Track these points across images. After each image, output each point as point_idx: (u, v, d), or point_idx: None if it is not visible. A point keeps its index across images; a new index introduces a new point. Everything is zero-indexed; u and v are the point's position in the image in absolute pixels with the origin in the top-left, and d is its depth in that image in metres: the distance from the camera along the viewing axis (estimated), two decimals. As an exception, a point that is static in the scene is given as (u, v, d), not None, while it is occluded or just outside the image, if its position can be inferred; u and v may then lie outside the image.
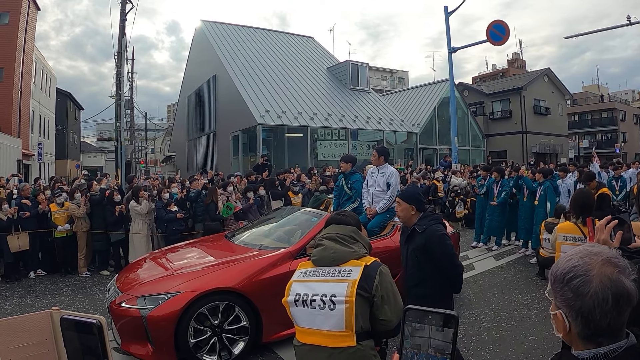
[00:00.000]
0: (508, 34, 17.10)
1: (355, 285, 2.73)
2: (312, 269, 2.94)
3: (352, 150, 24.82)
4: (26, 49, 32.12)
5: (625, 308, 1.35)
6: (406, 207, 4.19)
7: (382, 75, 58.77)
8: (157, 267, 6.35)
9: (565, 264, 1.45)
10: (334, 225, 3.11)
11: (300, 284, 2.91)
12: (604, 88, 74.28)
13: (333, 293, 2.75)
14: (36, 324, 1.50)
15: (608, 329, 1.36)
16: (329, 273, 2.85)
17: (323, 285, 2.81)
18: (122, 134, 20.00)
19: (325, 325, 2.76)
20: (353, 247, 2.97)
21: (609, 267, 1.37)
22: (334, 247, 2.92)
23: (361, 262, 2.86)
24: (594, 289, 1.35)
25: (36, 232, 10.28)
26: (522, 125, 40.39)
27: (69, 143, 48.68)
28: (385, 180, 7.97)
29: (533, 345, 5.93)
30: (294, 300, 2.86)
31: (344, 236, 3.00)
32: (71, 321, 1.51)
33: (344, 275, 2.81)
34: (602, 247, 1.46)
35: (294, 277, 3.00)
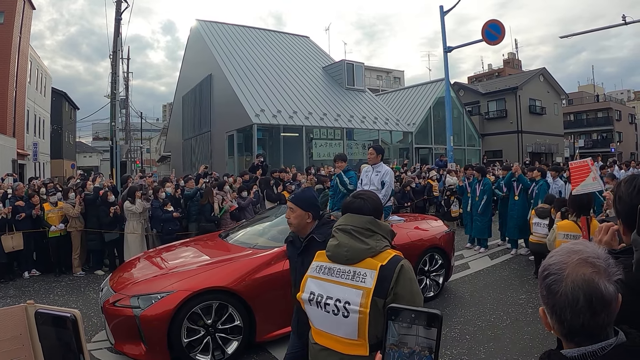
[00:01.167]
0: (504, 34, 17.12)
1: (370, 295, 2.49)
2: (328, 264, 2.72)
3: (348, 149, 24.83)
4: (21, 48, 32.01)
5: (600, 309, 1.32)
6: (300, 214, 3.59)
7: (377, 75, 58.79)
8: (150, 267, 6.34)
9: (546, 260, 1.45)
10: (349, 214, 2.81)
11: (315, 282, 2.72)
12: (599, 88, 74.43)
13: (347, 300, 2.54)
14: (10, 319, 1.48)
15: (582, 330, 1.35)
16: (344, 274, 2.62)
17: (338, 288, 2.60)
18: (117, 133, 19.88)
19: (338, 332, 2.60)
20: (369, 241, 2.67)
21: (585, 267, 1.35)
22: (348, 243, 2.65)
23: (377, 261, 2.58)
24: (564, 288, 1.34)
25: (30, 232, 10.24)
26: (518, 125, 40.45)
27: (64, 143, 48.56)
28: (380, 178, 8.00)
29: (528, 344, 5.93)
30: (309, 299, 2.70)
31: (360, 229, 2.70)
32: (46, 315, 1.49)
33: (358, 280, 2.56)
34: (585, 246, 1.43)
35: (310, 270, 2.80)
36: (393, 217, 8.40)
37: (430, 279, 7.88)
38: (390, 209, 8.44)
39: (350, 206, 2.85)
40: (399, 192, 14.48)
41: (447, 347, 5.85)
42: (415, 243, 7.66)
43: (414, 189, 15.15)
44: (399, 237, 7.54)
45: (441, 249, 8.03)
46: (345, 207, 2.89)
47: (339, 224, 2.80)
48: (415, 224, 8.36)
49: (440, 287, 8.02)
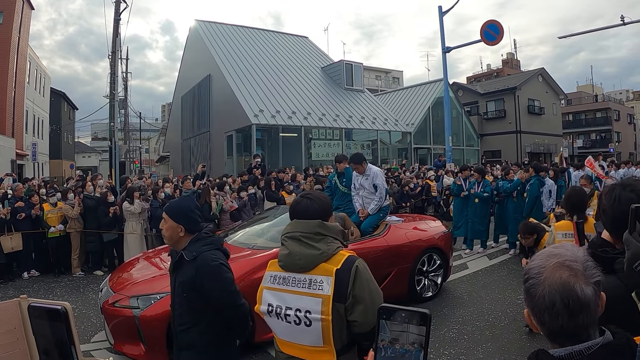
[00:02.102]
0: (502, 34, 17.12)
1: (330, 302, 2.42)
2: (281, 273, 2.61)
3: (347, 150, 24.83)
4: (20, 48, 32.03)
5: (578, 312, 1.35)
6: (172, 226, 3.26)
7: (376, 75, 58.78)
8: (150, 267, 6.36)
9: (528, 264, 1.49)
10: (295, 221, 2.67)
11: (271, 293, 2.62)
12: (598, 88, 74.44)
13: (307, 309, 2.46)
14: (4, 313, 1.51)
15: (562, 332, 1.37)
16: (300, 283, 2.53)
17: (295, 298, 2.51)
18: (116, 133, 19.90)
19: (303, 340, 2.53)
20: (320, 246, 2.57)
21: (562, 270, 1.38)
22: (299, 251, 2.54)
23: (331, 265, 2.50)
24: (541, 291, 1.37)
25: (30, 233, 10.26)
26: (517, 125, 40.49)
27: (63, 143, 48.57)
28: (371, 182, 7.97)
29: (526, 344, 5.95)
30: (267, 310, 2.61)
31: (309, 234, 2.58)
32: (39, 308, 1.52)
33: (315, 287, 2.48)
34: (565, 250, 1.46)
35: (264, 281, 2.70)
36: (391, 217, 8.39)
37: (429, 279, 7.90)
38: (389, 208, 8.44)
39: (297, 208, 2.73)
40: (397, 193, 14.50)
41: (445, 347, 5.87)
42: (413, 243, 7.68)
43: (413, 189, 15.16)
44: (398, 237, 7.59)
45: (439, 249, 8.04)
46: (292, 209, 2.78)
47: (286, 231, 2.67)
48: (414, 225, 8.37)
49: (438, 287, 8.04)
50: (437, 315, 7.09)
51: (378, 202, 7.86)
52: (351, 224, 7.52)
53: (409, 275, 7.48)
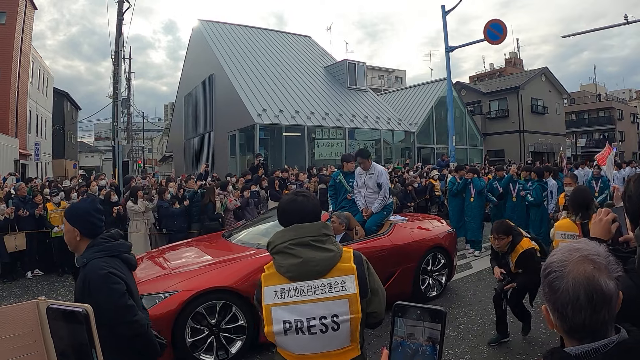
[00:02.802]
0: (505, 33, 17.12)
1: (357, 300, 2.36)
2: (290, 285, 2.38)
3: (350, 149, 24.79)
4: (23, 48, 32.08)
5: (601, 306, 1.34)
6: (69, 230, 3.01)
7: (379, 75, 58.77)
8: (154, 267, 6.35)
9: (548, 259, 1.48)
10: (297, 225, 2.50)
11: (284, 309, 2.37)
12: (601, 87, 74.42)
13: (334, 313, 2.34)
14: (22, 315, 1.49)
15: (584, 327, 1.36)
16: (318, 289, 2.37)
17: (317, 306, 2.35)
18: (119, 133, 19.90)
19: (331, 347, 2.40)
20: (331, 247, 2.46)
21: (586, 264, 1.37)
22: (314, 257, 2.39)
23: (347, 263, 2.43)
24: (565, 285, 1.36)
25: (33, 232, 10.27)
26: (520, 125, 40.43)
27: (66, 143, 48.63)
28: (375, 181, 7.98)
29: (531, 343, 5.94)
30: (284, 329, 2.37)
31: (318, 237, 2.46)
32: (57, 310, 1.50)
33: (338, 289, 2.37)
34: (586, 244, 1.46)
35: (267, 299, 2.40)
36: (396, 216, 8.39)
37: (433, 278, 7.88)
38: (392, 205, 8.42)
39: (293, 206, 2.58)
40: (401, 192, 14.48)
41: (450, 347, 5.86)
42: (418, 242, 7.66)
43: (416, 188, 15.15)
44: (403, 237, 7.58)
45: (444, 249, 8.03)
46: (286, 207, 2.61)
47: (289, 238, 2.45)
48: (418, 224, 8.35)
49: (443, 287, 8.02)
50: (442, 315, 7.07)
51: (382, 201, 7.86)
52: (356, 223, 7.52)
53: (413, 275, 7.47)
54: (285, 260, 2.41)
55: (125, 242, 3.04)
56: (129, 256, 3.07)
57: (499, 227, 5.88)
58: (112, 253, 2.93)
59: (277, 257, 2.45)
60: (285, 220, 2.58)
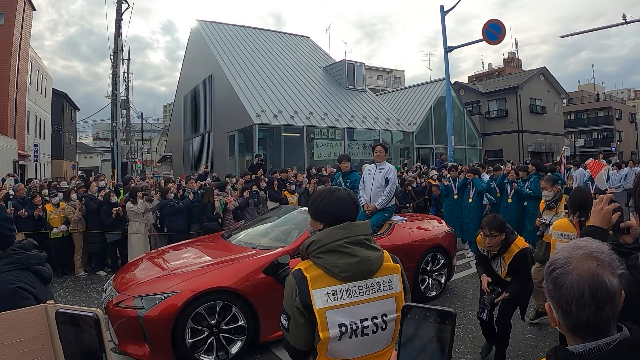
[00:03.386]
0: (504, 33, 17.14)
1: (402, 297, 2.38)
2: (341, 286, 2.29)
3: (349, 149, 24.80)
4: (22, 49, 32.06)
5: (606, 303, 1.36)
6: None
7: (378, 75, 58.79)
8: (153, 267, 6.35)
9: (552, 256, 1.49)
10: (350, 223, 2.41)
11: (339, 312, 2.27)
12: (599, 87, 74.56)
13: (383, 312, 2.34)
14: (31, 319, 1.48)
15: (588, 323, 1.37)
16: (369, 289, 2.33)
17: (369, 306, 2.32)
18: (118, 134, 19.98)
19: (378, 347, 2.37)
20: (377, 245, 2.45)
21: (590, 260, 1.39)
22: (371, 256, 2.35)
23: (391, 263, 2.43)
24: (570, 281, 1.38)
25: (32, 233, 10.25)
26: (519, 124, 40.47)
27: (65, 144, 48.59)
28: (384, 175, 8.01)
29: (530, 343, 5.94)
30: (341, 332, 2.26)
31: (368, 237, 2.43)
32: (66, 315, 1.49)
33: (385, 288, 2.36)
34: (590, 242, 1.48)
35: (319, 302, 2.25)
36: (395, 217, 8.40)
37: (433, 278, 7.90)
38: (393, 208, 8.44)
39: (338, 198, 2.49)
40: (400, 192, 14.49)
41: (450, 347, 5.86)
42: (417, 243, 7.69)
43: (415, 188, 15.14)
44: (402, 237, 7.60)
45: (443, 249, 8.05)
46: (340, 209, 2.47)
47: (345, 235, 2.34)
48: (418, 224, 8.38)
49: (442, 287, 8.04)
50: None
51: (386, 196, 7.88)
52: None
53: (413, 275, 7.49)
54: (339, 259, 2.30)
55: (39, 252, 2.77)
56: (42, 268, 2.77)
57: (491, 221, 5.01)
58: (22, 265, 2.61)
59: (328, 257, 2.31)
60: (332, 214, 2.46)
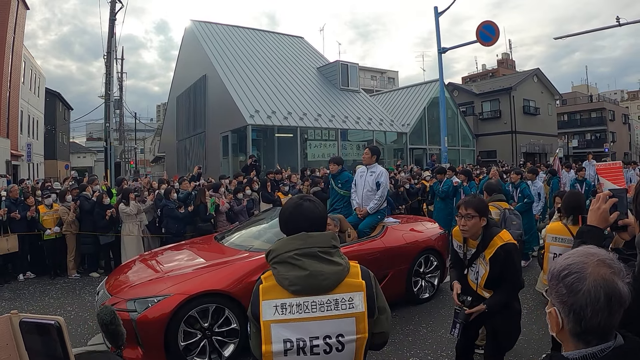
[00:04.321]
0: (498, 35, 17.17)
1: (365, 319, 2.18)
2: (293, 300, 2.17)
3: (342, 150, 24.84)
4: (15, 48, 31.94)
5: (617, 308, 1.39)
6: None
7: (372, 75, 58.83)
8: (146, 270, 6.35)
9: (562, 262, 1.50)
10: (305, 234, 2.27)
11: (286, 326, 2.15)
12: (593, 88, 74.81)
13: (339, 332, 2.17)
14: None
15: (598, 328, 1.40)
16: (324, 306, 2.17)
17: (322, 324, 2.16)
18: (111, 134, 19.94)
19: None
20: (339, 260, 2.25)
21: (604, 267, 1.42)
22: (324, 270, 2.18)
23: (355, 279, 2.23)
24: (587, 286, 1.39)
25: (25, 234, 10.23)
26: (512, 125, 40.60)
27: (58, 143, 48.48)
28: (375, 179, 8.01)
29: (523, 346, 5.95)
30: (285, 349, 2.16)
31: (326, 248, 2.25)
32: (31, 324, 1.49)
33: (344, 307, 2.17)
34: (599, 250, 1.50)
35: (266, 314, 2.16)
36: (388, 219, 8.41)
37: (426, 280, 7.90)
38: (386, 210, 8.45)
39: (300, 211, 2.36)
40: (393, 194, 14.49)
41: (443, 349, 5.88)
42: (410, 245, 7.69)
43: (408, 190, 15.14)
44: (395, 239, 7.60)
45: (436, 251, 8.05)
46: (293, 211, 2.38)
47: (295, 247, 2.23)
48: (411, 226, 8.38)
49: (435, 289, 8.04)
50: (434, 317, 7.12)
51: (378, 200, 7.89)
52: (348, 226, 7.53)
53: (406, 277, 7.50)
54: (289, 271, 2.18)
55: None
56: None
57: (469, 199, 4.07)
58: None
59: (280, 268, 2.21)
60: (290, 227, 2.35)
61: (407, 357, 5.77)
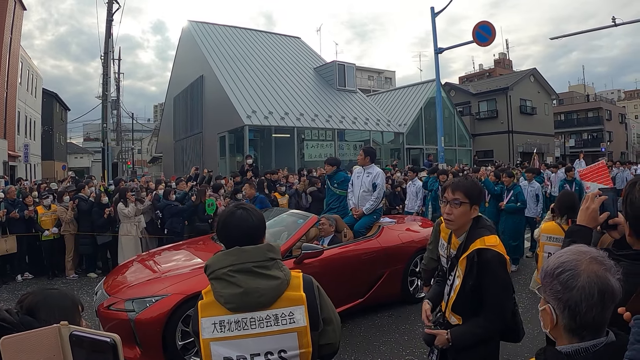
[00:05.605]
0: (494, 35, 17.16)
1: (307, 333, 2.11)
2: (230, 317, 2.09)
3: (339, 150, 24.89)
4: (12, 49, 31.87)
5: (610, 304, 1.45)
6: None
7: (369, 76, 58.82)
8: (144, 270, 6.38)
9: (555, 260, 1.55)
10: (238, 248, 2.17)
11: (225, 344, 2.08)
12: (589, 88, 74.88)
13: (281, 348, 2.11)
14: (42, 340, 1.44)
15: (592, 323, 1.46)
16: (263, 322, 2.09)
17: (262, 341, 2.09)
18: (108, 134, 19.92)
19: None
20: (277, 273, 2.16)
21: (596, 264, 1.48)
22: (259, 286, 2.09)
23: (295, 292, 2.15)
24: (581, 282, 1.45)
25: (23, 235, 10.24)
26: (509, 125, 40.66)
27: (55, 144, 48.33)
28: (371, 180, 8.02)
29: (519, 344, 5.98)
30: None
31: (262, 262, 2.15)
32: (83, 338, 1.43)
33: (285, 322, 2.10)
34: (588, 247, 1.56)
35: (204, 332, 2.09)
36: (384, 219, 8.44)
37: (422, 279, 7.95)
38: (382, 210, 8.49)
39: (232, 220, 2.27)
40: (389, 194, 14.52)
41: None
42: (406, 244, 7.72)
43: (405, 190, 15.16)
44: (391, 239, 7.63)
45: (432, 250, 8.08)
46: (225, 222, 2.29)
47: (231, 263, 2.13)
48: (406, 226, 8.41)
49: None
50: (430, 316, 7.15)
51: (374, 201, 7.90)
52: (344, 226, 7.57)
53: (401, 277, 7.53)
54: (224, 289, 2.10)
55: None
56: None
57: (458, 182, 3.12)
58: None
59: (216, 284, 2.13)
60: (225, 237, 2.29)
61: (403, 356, 5.82)
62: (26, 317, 1.73)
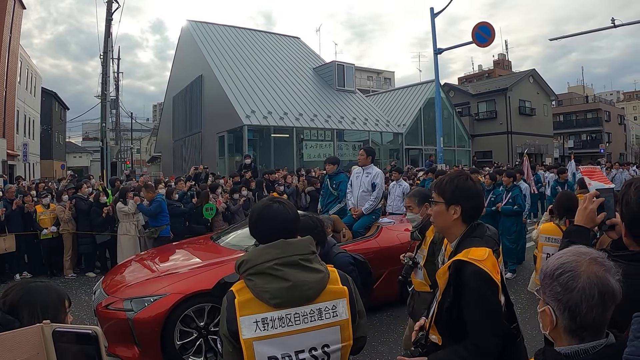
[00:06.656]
0: (493, 36, 17.17)
1: (349, 325, 2.09)
2: (274, 313, 2.00)
3: (338, 150, 24.89)
4: (12, 48, 31.81)
5: (610, 305, 1.45)
6: None
7: (368, 76, 58.80)
8: (143, 269, 6.37)
9: (555, 261, 1.55)
10: (283, 241, 2.11)
11: (270, 343, 2.00)
12: (589, 89, 74.99)
13: (325, 343, 2.06)
14: (26, 339, 1.46)
15: (592, 324, 1.46)
16: (307, 317, 2.04)
17: (307, 336, 2.04)
18: (107, 134, 19.92)
19: None
20: (319, 266, 2.13)
21: (596, 265, 1.48)
22: (307, 279, 2.04)
23: (336, 285, 2.12)
24: (581, 283, 1.45)
25: (21, 234, 10.23)
26: (508, 126, 40.70)
27: (54, 143, 48.27)
28: (371, 180, 8.03)
29: (515, 345, 5.99)
30: None
31: (307, 255, 2.12)
32: (65, 333, 1.46)
33: (328, 315, 2.06)
34: (587, 248, 1.56)
35: (246, 331, 1.97)
36: (383, 219, 8.44)
37: (420, 280, 7.94)
38: (380, 210, 8.49)
39: (270, 213, 2.20)
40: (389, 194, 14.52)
41: (436, 348, 5.91)
42: (405, 245, 7.69)
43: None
44: (390, 239, 7.62)
45: (431, 251, 8.06)
46: (263, 214, 2.21)
47: (276, 256, 2.06)
48: (405, 226, 8.39)
49: (430, 288, 8.07)
50: (428, 317, 7.15)
51: (373, 202, 7.90)
52: (343, 226, 7.56)
53: (401, 277, 7.53)
54: (269, 283, 2.01)
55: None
56: None
57: (435, 181, 3.18)
58: None
59: (257, 280, 2.03)
60: (260, 230, 2.22)
61: (401, 356, 5.81)
62: (7, 316, 1.74)
